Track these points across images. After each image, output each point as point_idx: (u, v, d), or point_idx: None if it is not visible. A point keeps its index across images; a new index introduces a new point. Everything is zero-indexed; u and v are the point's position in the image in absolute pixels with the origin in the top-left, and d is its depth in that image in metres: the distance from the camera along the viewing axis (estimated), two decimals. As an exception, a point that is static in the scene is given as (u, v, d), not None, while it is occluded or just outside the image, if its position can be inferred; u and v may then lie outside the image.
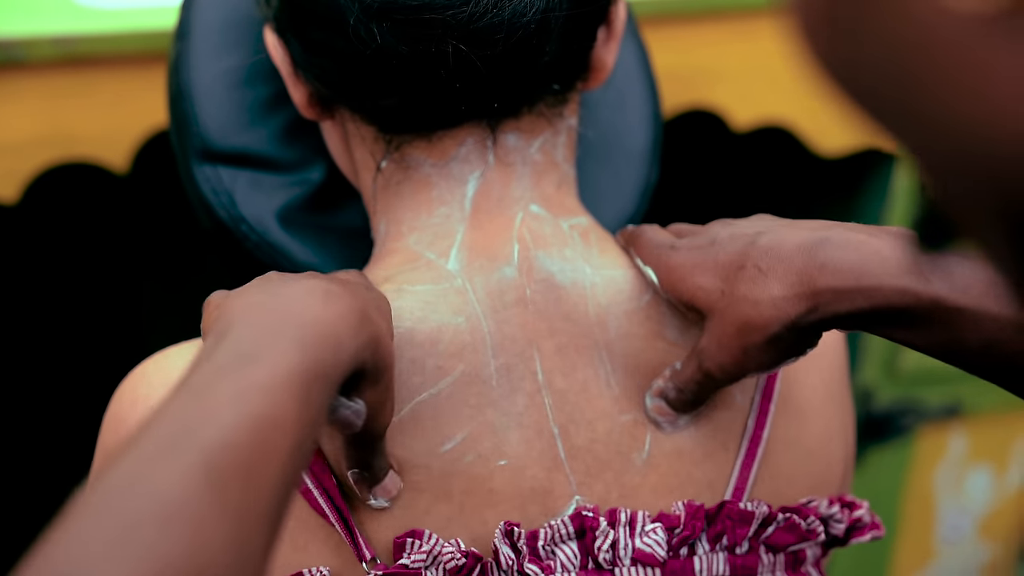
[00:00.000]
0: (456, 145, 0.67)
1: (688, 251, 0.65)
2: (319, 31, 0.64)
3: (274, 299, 0.54)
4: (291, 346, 0.50)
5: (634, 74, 0.88)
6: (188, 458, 0.44)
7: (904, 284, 0.59)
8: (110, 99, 0.99)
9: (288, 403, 0.48)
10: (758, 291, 0.61)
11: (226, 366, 0.49)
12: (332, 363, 0.52)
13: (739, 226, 0.65)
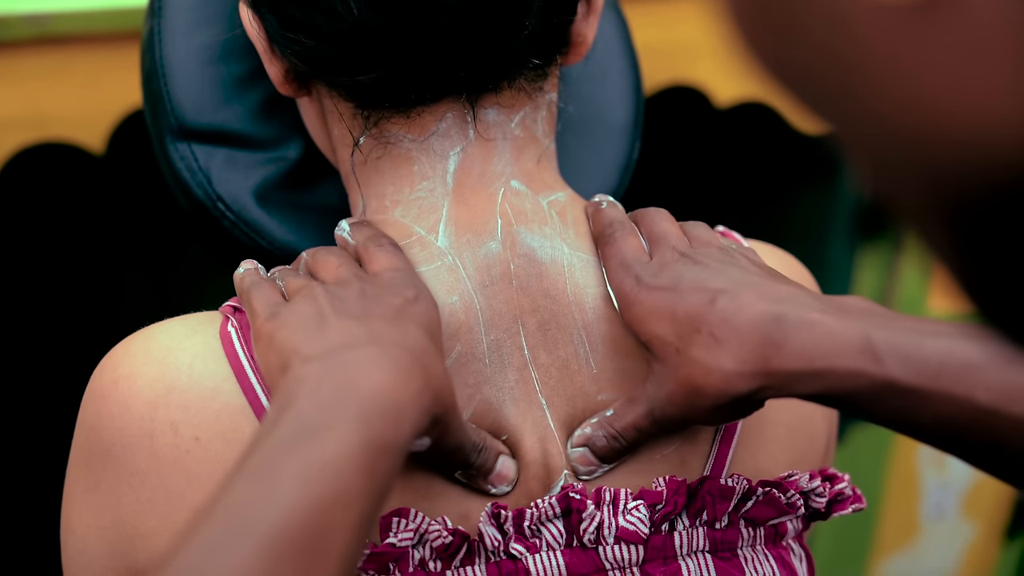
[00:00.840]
0: (435, 120, 0.66)
1: (650, 291, 0.64)
2: (295, 6, 0.63)
3: (338, 369, 0.54)
4: (354, 420, 0.50)
5: (615, 49, 0.87)
6: (250, 546, 0.45)
7: (857, 366, 0.58)
8: (85, 78, 0.98)
9: (353, 479, 0.49)
10: (711, 360, 0.61)
11: (288, 443, 0.49)
12: (395, 434, 0.52)
13: (702, 273, 0.63)
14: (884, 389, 0.58)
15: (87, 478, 0.64)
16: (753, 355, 0.60)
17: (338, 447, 0.49)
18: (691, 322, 0.62)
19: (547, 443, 0.66)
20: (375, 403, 0.52)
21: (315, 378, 0.53)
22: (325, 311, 0.58)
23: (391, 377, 0.54)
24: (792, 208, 1.47)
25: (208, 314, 0.67)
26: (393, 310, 0.59)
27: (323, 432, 0.50)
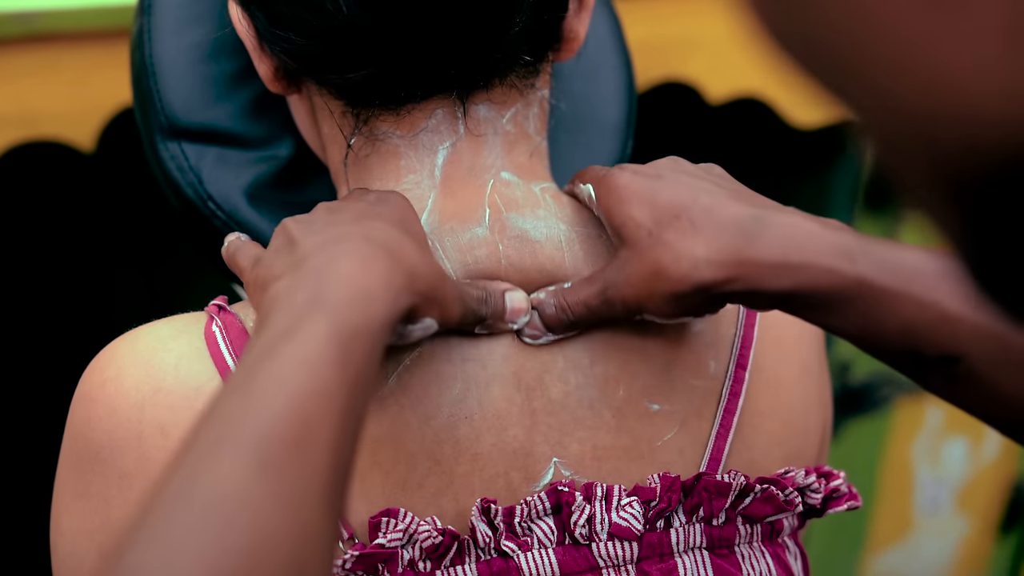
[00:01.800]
0: (425, 117, 0.66)
1: (632, 175, 0.64)
2: (284, 3, 0.63)
3: (306, 276, 0.54)
4: (322, 314, 0.51)
5: (607, 46, 0.87)
6: (239, 449, 0.46)
7: (831, 263, 0.58)
8: (74, 76, 0.98)
9: (328, 370, 0.49)
10: (683, 245, 0.60)
11: (264, 352, 0.50)
12: (365, 319, 0.52)
13: (688, 172, 0.64)
14: (856, 289, 0.57)
15: (76, 481, 0.64)
16: (728, 244, 0.60)
17: (309, 343, 0.50)
18: (671, 209, 0.61)
19: (532, 432, 0.65)
20: (340, 293, 0.52)
21: (286, 290, 0.54)
22: (294, 236, 0.59)
23: (354, 266, 0.54)
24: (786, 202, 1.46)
25: (193, 315, 0.67)
26: (355, 213, 0.60)
27: (295, 333, 0.50)
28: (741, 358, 0.70)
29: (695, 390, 0.68)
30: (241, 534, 0.43)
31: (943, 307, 0.56)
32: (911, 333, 0.57)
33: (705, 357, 0.68)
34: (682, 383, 0.68)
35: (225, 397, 0.49)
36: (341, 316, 0.51)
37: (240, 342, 0.63)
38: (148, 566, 0.42)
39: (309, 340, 0.50)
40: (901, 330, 0.57)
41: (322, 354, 0.49)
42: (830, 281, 0.58)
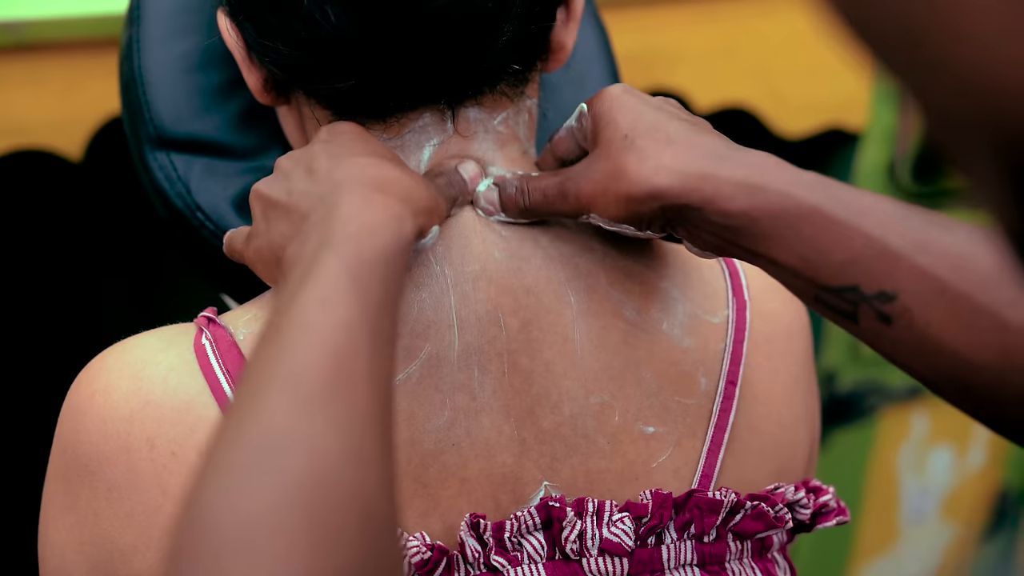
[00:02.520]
0: (412, 122, 0.66)
1: (628, 92, 0.65)
2: (273, 14, 0.63)
3: (309, 234, 0.56)
4: (331, 256, 0.53)
5: (595, 57, 0.87)
6: (282, 390, 0.48)
7: (789, 189, 0.59)
8: (62, 85, 0.98)
9: (344, 303, 0.51)
10: (654, 151, 0.61)
11: (285, 303, 0.52)
12: (372, 247, 0.54)
13: (679, 110, 0.65)
14: (807, 215, 0.58)
15: (65, 493, 0.64)
16: (695, 161, 0.60)
17: (325, 282, 0.51)
18: (653, 123, 0.62)
19: (522, 458, 0.65)
20: (344, 231, 0.54)
21: (296, 252, 0.56)
22: (280, 200, 0.60)
23: (353, 206, 0.55)
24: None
25: (182, 326, 0.67)
26: (329, 158, 0.60)
27: (309, 277, 0.52)
28: (731, 374, 0.70)
29: (687, 409, 0.68)
30: (298, 466, 0.45)
31: (888, 243, 0.56)
32: (853, 265, 0.57)
33: (696, 374, 0.69)
34: (674, 403, 0.68)
35: (259, 349, 0.51)
36: (349, 250, 0.53)
37: (230, 354, 0.63)
38: (216, 505, 0.45)
39: (323, 279, 0.52)
40: (844, 262, 0.57)
41: (338, 289, 0.51)
42: (783, 204, 0.58)
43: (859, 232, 0.57)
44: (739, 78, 1.21)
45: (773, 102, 1.23)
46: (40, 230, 1.52)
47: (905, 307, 0.56)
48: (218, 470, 0.46)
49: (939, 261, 0.55)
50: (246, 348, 0.64)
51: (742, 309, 0.71)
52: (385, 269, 0.54)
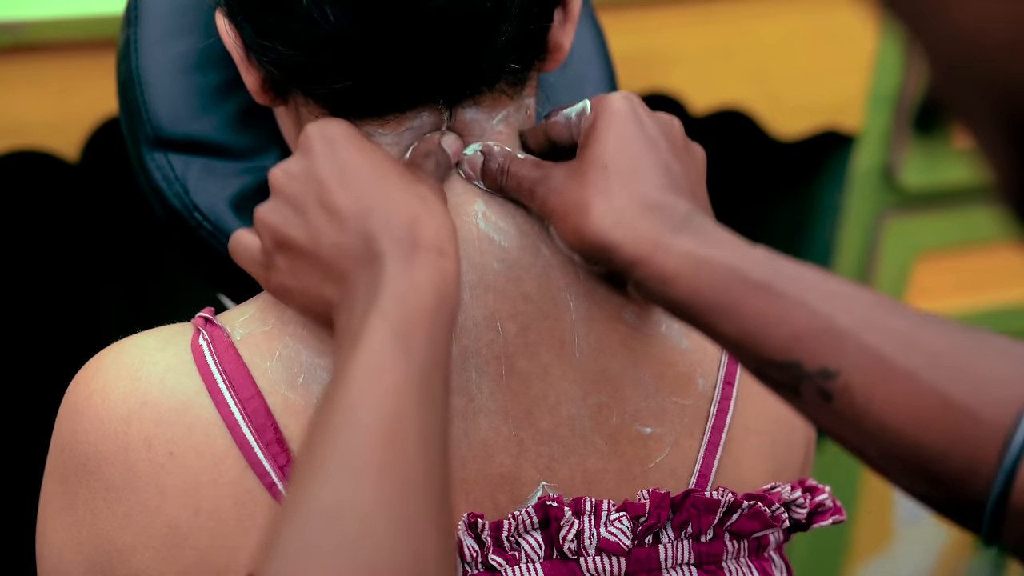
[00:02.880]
0: (410, 120, 0.66)
1: (630, 115, 0.64)
2: (271, 14, 0.63)
3: (354, 293, 0.57)
4: (375, 320, 0.54)
5: (591, 58, 0.87)
6: (337, 461, 0.50)
7: (735, 263, 0.59)
8: (59, 86, 0.98)
9: (392, 368, 0.52)
10: (619, 200, 0.61)
11: (339, 370, 0.54)
12: (419, 307, 0.55)
13: (671, 153, 0.64)
14: (753, 291, 0.58)
15: (62, 493, 0.64)
16: (653, 226, 0.60)
17: (373, 348, 0.53)
18: (634, 164, 0.62)
19: (520, 459, 0.65)
20: (388, 294, 0.55)
21: (343, 324, 0.57)
22: (309, 248, 0.60)
23: (394, 268, 0.56)
24: (768, 214, 1.48)
25: (179, 326, 0.67)
26: (349, 193, 0.59)
27: (358, 344, 0.53)
28: (728, 374, 0.70)
29: (685, 410, 0.68)
30: (352, 540, 0.48)
31: (833, 320, 0.56)
32: (796, 342, 0.57)
33: (694, 375, 0.69)
34: (672, 404, 0.68)
35: (316, 419, 0.53)
36: (394, 313, 0.54)
37: (227, 355, 0.64)
38: None
39: (371, 346, 0.53)
40: (788, 338, 0.57)
41: (385, 355, 0.53)
42: (729, 280, 0.58)
43: (805, 308, 0.57)
44: (735, 80, 1.21)
45: (769, 104, 1.24)
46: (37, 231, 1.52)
47: (847, 384, 0.56)
48: (279, 543, 0.49)
49: (884, 339, 0.55)
50: (243, 349, 0.64)
51: None
52: (431, 328, 0.55)
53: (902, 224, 1.36)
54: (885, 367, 0.55)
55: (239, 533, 0.62)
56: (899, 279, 1.39)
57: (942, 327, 0.56)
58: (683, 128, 0.67)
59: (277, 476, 0.62)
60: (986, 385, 0.54)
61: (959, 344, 0.55)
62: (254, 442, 0.62)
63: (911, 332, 0.55)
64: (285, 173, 0.62)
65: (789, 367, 0.57)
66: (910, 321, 0.56)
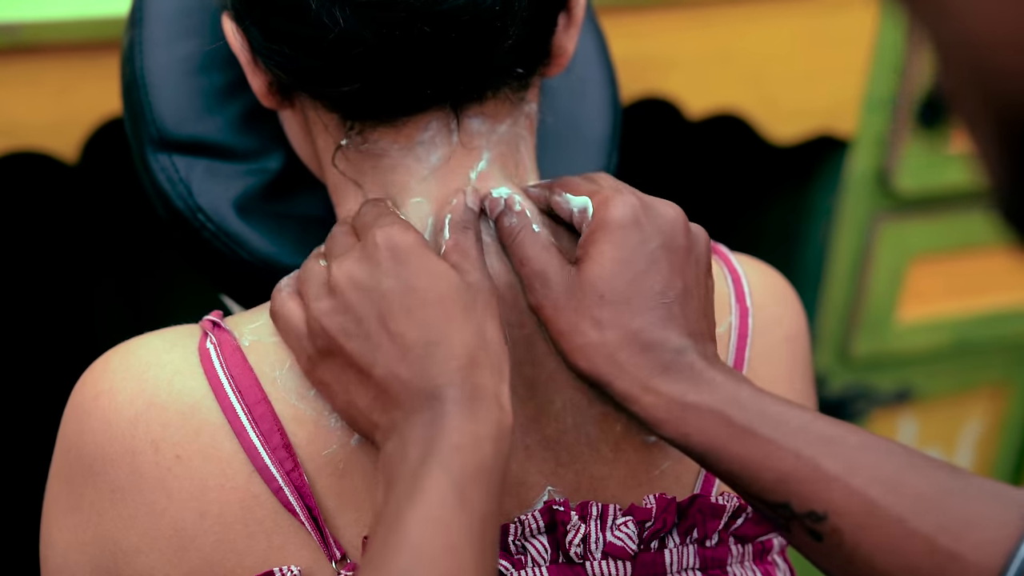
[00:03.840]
0: (420, 130, 0.66)
1: (633, 226, 0.63)
2: (279, 17, 0.63)
3: (413, 433, 0.56)
4: (437, 471, 0.54)
5: (593, 62, 0.87)
6: None
7: (721, 407, 0.60)
8: (58, 87, 0.97)
9: (451, 523, 0.53)
10: (613, 336, 0.61)
11: (392, 519, 0.54)
12: (478, 460, 0.55)
13: (670, 263, 0.64)
14: (739, 436, 0.59)
15: (68, 494, 0.64)
16: (643, 368, 0.61)
17: (433, 500, 0.53)
18: (629, 295, 0.62)
19: (526, 463, 0.66)
20: (449, 444, 0.55)
21: (399, 451, 0.56)
22: (363, 368, 0.59)
23: (456, 419, 0.56)
24: (762, 217, 1.48)
25: (187, 328, 0.67)
26: (413, 322, 0.59)
27: (416, 493, 0.53)
28: None
29: None
30: None
31: (819, 463, 0.57)
32: (784, 484, 0.58)
33: None
34: None
35: (370, 569, 0.53)
36: (455, 466, 0.54)
37: (234, 359, 0.64)
38: None
39: (431, 497, 0.53)
40: (775, 480, 0.58)
41: (445, 509, 0.53)
42: (716, 426, 0.59)
43: (790, 452, 0.58)
44: (732, 84, 1.22)
45: (765, 108, 1.24)
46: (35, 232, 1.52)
47: (835, 527, 0.57)
48: None
49: (871, 484, 0.56)
50: (251, 355, 0.64)
51: (744, 316, 0.72)
52: (489, 480, 0.55)
53: (896, 228, 1.36)
54: (872, 512, 0.56)
55: (245, 537, 0.62)
56: (893, 283, 1.40)
57: (927, 469, 0.57)
58: (684, 218, 0.66)
59: (284, 481, 0.62)
60: (971, 528, 0.55)
61: (944, 486, 0.56)
62: (260, 447, 0.62)
63: (897, 476, 0.57)
64: (349, 278, 0.60)
65: (778, 507, 0.59)
66: (896, 464, 0.57)
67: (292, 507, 0.62)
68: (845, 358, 1.44)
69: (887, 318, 1.42)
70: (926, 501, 0.56)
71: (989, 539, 0.55)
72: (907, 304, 1.43)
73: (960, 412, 1.58)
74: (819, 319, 1.40)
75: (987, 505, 0.56)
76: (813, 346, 1.41)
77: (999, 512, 0.55)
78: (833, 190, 1.34)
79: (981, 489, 0.57)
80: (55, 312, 1.57)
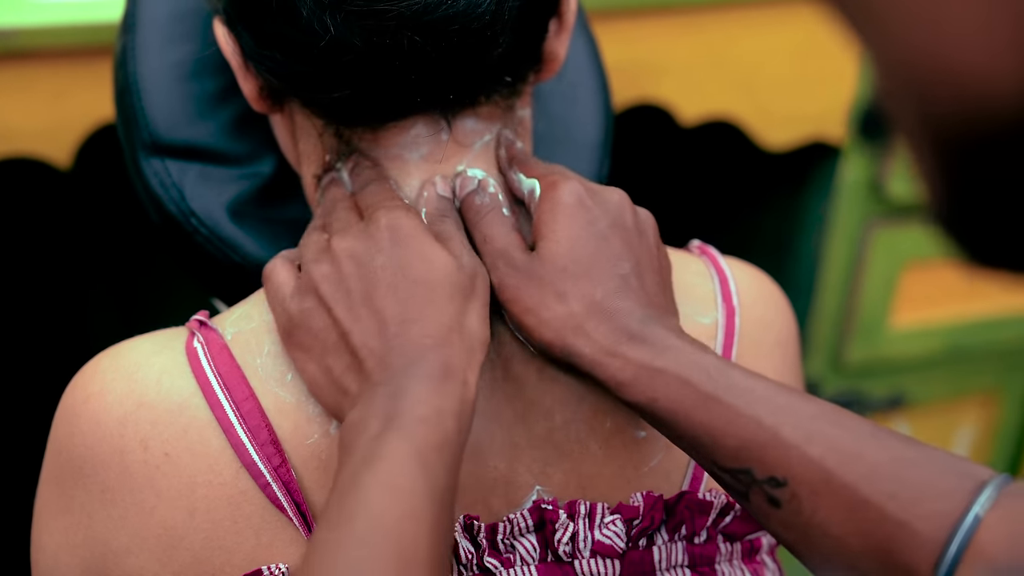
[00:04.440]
0: (406, 131, 0.67)
1: (578, 205, 0.65)
2: (271, 23, 0.63)
3: (376, 404, 0.57)
4: (397, 439, 0.54)
5: (585, 68, 0.88)
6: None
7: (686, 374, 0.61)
8: (51, 93, 0.98)
9: (411, 491, 0.53)
10: (578, 306, 0.62)
11: (348, 483, 0.54)
12: (442, 433, 0.55)
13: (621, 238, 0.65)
14: (703, 403, 0.60)
15: (58, 496, 0.64)
16: (608, 335, 0.62)
17: (393, 467, 0.53)
18: (585, 270, 0.63)
19: (515, 463, 0.66)
20: (414, 413, 0.55)
21: (360, 420, 0.57)
22: (351, 342, 0.60)
23: (422, 392, 0.57)
24: (755, 223, 1.49)
25: (174, 330, 0.67)
26: (401, 306, 0.60)
27: (376, 460, 0.54)
28: None
29: None
30: None
31: (779, 432, 0.58)
32: (746, 451, 0.59)
33: None
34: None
35: (325, 531, 0.53)
36: (418, 436, 0.54)
37: (221, 357, 0.64)
38: None
39: (392, 464, 0.53)
40: (737, 447, 0.59)
41: (406, 476, 0.53)
42: (680, 391, 0.60)
43: (753, 420, 0.59)
44: (724, 90, 1.22)
45: (758, 114, 1.25)
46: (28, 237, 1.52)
47: (794, 493, 0.58)
48: None
49: (828, 453, 0.58)
50: (235, 348, 0.65)
51: (731, 315, 0.72)
52: (451, 453, 0.56)
53: (889, 234, 1.37)
54: (828, 479, 0.57)
55: (233, 534, 0.62)
56: (886, 289, 1.40)
57: (887, 440, 0.58)
58: (629, 201, 0.67)
59: (271, 477, 0.62)
60: (923, 498, 0.56)
61: (899, 456, 0.57)
62: (248, 443, 0.62)
63: (855, 445, 0.58)
64: (348, 250, 0.62)
65: (739, 473, 0.60)
66: (854, 434, 0.58)
67: (280, 503, 0.62)
68: (838, 364, 1.44)
69: (880, 324, 1.42)
70: (881, 470, 0.57)
71: (939, 510, 0.55)
72: (900, 311, 1.44)
73: (952, 418, 1.59)
74: (812, 325, 1.40)
75: (941, 476, 0.56)
76: (806, 352, 1.41)
77: (953, 484, 0.56)
78: (826, 196, 1.34)
79: (937, 460, 0.57)
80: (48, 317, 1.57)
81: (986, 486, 0.55)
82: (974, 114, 0.31)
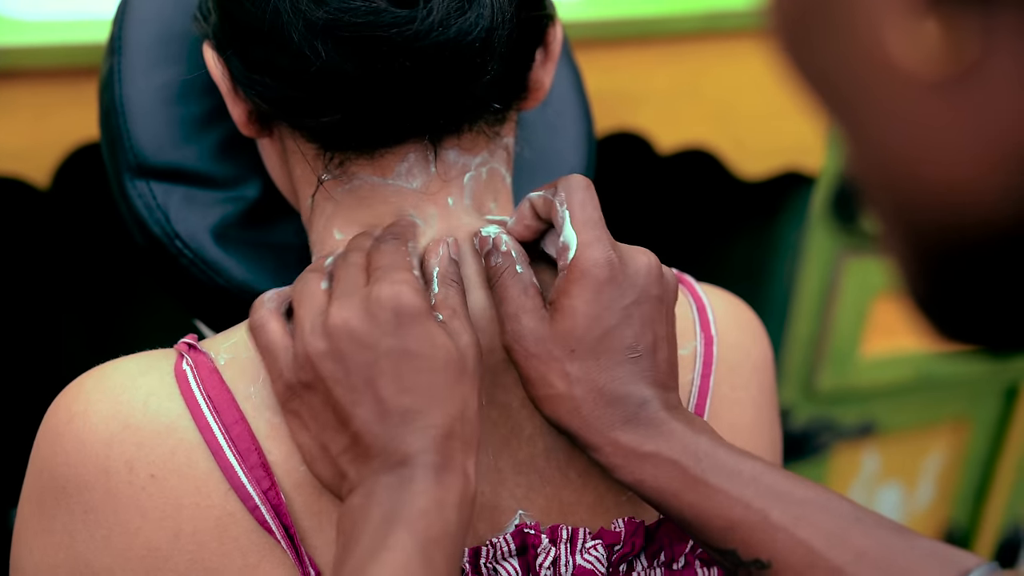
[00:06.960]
0: (398, 161, 0.67)
1: (608, 280, 0.64)
2: (261, 48, 0.64)
3: (380, 494, 0.58)
4: (402, 532, 0.55)
5: (568, 97, 0.89)
6: None
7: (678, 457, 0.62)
8: (31, 113, 0.98)
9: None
10: (581, 389, 0.63)
11: (355, 568, 0.55)
12: (443, 525, 0.56)
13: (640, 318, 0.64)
14: (692, 486, 0.61)
15: (40, 516, 0.64)
16: (604, 419, 0.63)
17: (397, 561, 0.54)
18: (596, 349, 0.63)
19: (499, 487, 0.66)
20: (417, 506, 0.56)
21: (361, 508, 0.58)
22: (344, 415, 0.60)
23: (425, 483, 0.57)
24: (730, 251, 1.50)
25: (162, 352, 0.67)
26: (403, 395, 0.59)
27: (380, 552, 0.55)
28: (698, 408, 0.71)
29: None
30: None
31: (767, 514, 0.60)
32: (732, 532, 0.60)
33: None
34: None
35: None
36: (420, 528, 0.55)
37: (211, 380, 0.64)
38: None
39: (397, 557, 0.54)
40: (724, 528, 0.61)
41: (410, 569, 0.54)
42: (670, 476, 0.62)
43: (740, 502, 0.60)
44: (701, 120, 1.23)
45: (733, 144, 1.26)
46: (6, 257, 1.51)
47: (777, 575, 0.59)
48: None
49: (815, 536, 0.59)
50: (227, 373, 0.64)
51: (709, 344, 0.73)
52: (452, 544, 0.56)
53: (861, 264, 1.38)
54: (813, 563, 0.59)
55: (219, 556, 0.62)
56: (857, 318, 1.42)
57: (872, 526, 0.59)
58: (658, 265, 0.66)
59: (260, 500, 0.62)
60: None
61: (886, 543, 0.58)
62: (237, 465, 0.62)
63: (841, 530, 0.59)
64: (348, 328, 0.60)
65: (726, 553, 0.61)
66: (841, 519, 0.60)
67: (268, 525, 0.62)
68: (809, 392, 1.45)
69: (851, 353, 1.44)
70: (867, 555, 0.58)
71: None
72: (871, 339, 1.45)
73: (922, 446, 1.60)
74: (784, 353, 1.41)
75: (925, 564, 0.57)
76: (778, 380, 1.42)
77: (936, 572, 0.57)
78: (799, 225, 1.35)
79: (922, 548, 0.58)
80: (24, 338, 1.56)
81: (970, 574, 0.56)
82: (953, 222, 0.32)
